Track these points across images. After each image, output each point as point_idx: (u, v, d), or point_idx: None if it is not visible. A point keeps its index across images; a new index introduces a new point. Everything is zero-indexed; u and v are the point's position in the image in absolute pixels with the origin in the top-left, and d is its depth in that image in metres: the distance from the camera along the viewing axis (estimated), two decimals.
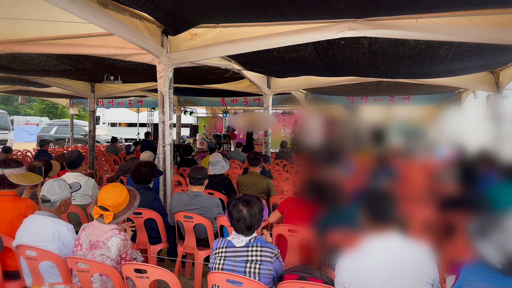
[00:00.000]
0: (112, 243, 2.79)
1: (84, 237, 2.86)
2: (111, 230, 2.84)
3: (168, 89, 5.32)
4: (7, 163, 3.50)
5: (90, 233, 2.86)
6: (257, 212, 2.60)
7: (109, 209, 2.85)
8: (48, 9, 3.92)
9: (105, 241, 2.79)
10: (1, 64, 7.32)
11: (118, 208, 2.90)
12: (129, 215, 3.06)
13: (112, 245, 2.78)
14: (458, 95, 11.20)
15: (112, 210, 2.86)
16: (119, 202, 2.89)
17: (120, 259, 2.83)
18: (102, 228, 2.85)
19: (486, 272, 1.94)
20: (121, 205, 2.92)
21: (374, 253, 2.19)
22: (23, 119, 35.83)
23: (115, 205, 2.87)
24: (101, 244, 2.79)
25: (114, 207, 2.87)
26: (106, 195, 2.88)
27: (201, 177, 4.18)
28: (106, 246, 2.78)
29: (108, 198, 2.86)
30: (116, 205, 2.88)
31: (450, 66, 6.34)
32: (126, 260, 2.87)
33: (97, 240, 2.81)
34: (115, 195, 2.90)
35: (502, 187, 3.44)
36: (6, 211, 3.36)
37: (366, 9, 4.09)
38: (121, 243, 2.81)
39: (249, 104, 14.87)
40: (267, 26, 4.90)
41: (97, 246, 2.80)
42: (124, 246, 2.83)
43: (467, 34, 4.22)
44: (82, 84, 10.88)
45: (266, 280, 2.48)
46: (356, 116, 5.59)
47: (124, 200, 2.94)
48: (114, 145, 12.83)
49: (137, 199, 3.08)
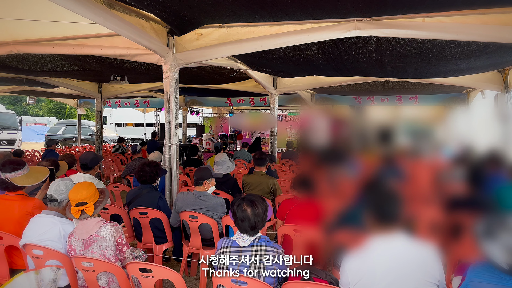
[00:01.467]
0: (104, 232, 2.84)
1: (75, 241, 2.87)
2: (98, 222, 2.89)
3: (174, 89, 5.33)
4: (7, 168, 3.41)
5: (79, 235, 2.87)
6: (261, 212, 2.59)
7: (86, 201, 2.88)
8: (55, 10, 3.94)
9: (97, 233, 2.84)
10: (10, 64, 7.39)
11: (94, 198, 2.94)
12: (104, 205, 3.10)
13: (105, 234, 2.83)
14: (466, 95, 11.11)
15: (90, 201, 2.90)
16: (92, 193, 2.93)
17: (117, 244, 2.88)
18: (89, 224, 2.88)
19: (492, 273, 1.92)
20: (95, 195, 2.95)
21: (379, 253, 2.17)
22: (32, 119, 36.14)
23: (90, 196, 2.91)
24: (94, 238, 2.83)
25: (90, 197, 2.90)
26: (79, 191, 2.91)
27: (202, 178, 4.19)
28: (100, 237, 2.83)
29: (80, 192, 2.89)
30: (91, 196, 2.91)
31: (458, 66, 6.29)
32: (122, 245, 2.92)
33: (89, 236, 2.84)
34: (84, 188, 2.93)
35: (510, 187, 3.40)
36: (14, 211, 3.39)
37: (372, 9, 4.08)
38: (112, 229, 2.87)
39: (255, 104, 14.87)
40: (272, 26, 4.89)
41: (91, 242, 2.83)
42: (116, 231, 2.89)
43: (475, 33, 4.18)
44: (89, 85, 10.96)
45: (271, 280, 2.47)
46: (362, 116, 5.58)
47: (95, 191, 2.98)
48: (121, 145, 12.89)
49: (106, 192, 3.12)
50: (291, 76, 8.87)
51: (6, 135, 17.04)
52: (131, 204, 4.26)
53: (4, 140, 16.35)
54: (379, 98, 12.30)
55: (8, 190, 3.45)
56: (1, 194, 3.48)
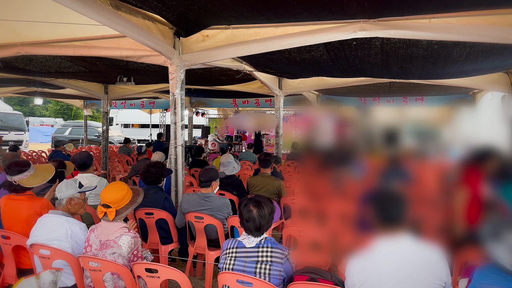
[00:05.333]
0: (123, 241, 2.83)
1: (94, 238, 2.90)
2: (121, 229, 2.89)
3: (180, 90, 5.35)
4: (13, 170, 3.43)
5: (99, 233, 2.90)
6: (267, 214, 2.60)
7: (111, 205, 2.90)
8: (62, 11, 3.97)
9: (115, 240, 2.83)
10: (17, 66, 7.45)
11: (119, 204, 2.94)
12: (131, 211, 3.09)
13: (123, 244, 2.82)
14: (473, 96, 11.05)
15: (114, 206, 2.91)
16: (119, 198, 2.94)
17: (132, 256, 2.87)
18: (111, 228, 2.89)
19: (499, 275, 1.91)
20: (122, 200, 2.96)
21: (385, 254, 2.17)
22: (38, 120, 36.36)
23: (116, 201, 2.91)
24: (112, 243, 2.83)
25: (115, 203, 2.91)
26: (107, 193, 2.94)
27: (205, 180, 4.19)
28: (117, 244, 2.82)
29: (108, 195, 2.92)
30: (117, 201, 2.92)
31: (464, 67, 6.25)
32: (138, 257, 2.91)
33: (107, 240, 2.85)
34: (115, 191, 2.95)
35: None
36: (22, 210, 3.42)
37: (378, 10, 4.06)
38: (131, 240, 2.85)
39: (261, 105, 14.86)
40: (278, 27, 4.89)
41: (108, 245, 2.83)
42: (135, 243, 2.88)
43: (481, 34, 4.16)
44: (96, 86, 11.02)
45: (276, 281, 2.47)
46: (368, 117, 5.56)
47: (125, 195, 2.98)
48: (126, 146, 12.96)
49: (140, 196, 3.14)
50: (297, 77, 8.86)
51: (13, 136, 17.18)
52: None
53: (12, 140, 16.46)
54: (385, 99, 12.27)
55: (16, 192, 3.47)
56: (9, 194, 3.52)
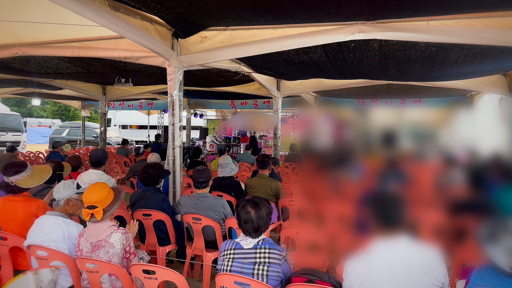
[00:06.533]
0: (114, 239, 2.83)
1: (84, 241, 2.88)
2: (110, 227, 2.89)
3: (178, 91, 5.35)
4: (10, 171, 3.43)
5: (89, 236, 2.88)
6: (265, 215, 2.59)
7: (97, 205, 2.87)
8: (61, 12, 3.97)
9: (106, 239, 2.84)
10: (15, 66, 7.44)
11: (105, 202, 2.92)
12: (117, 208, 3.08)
13: (115, 241, 2.83)
14: (470, 98, 11.08)
15: (100, 205, 2.88)
16: (103, 196, 2.91)
17: (124, 252, 2.88)
18: (100, 228, 2.88)
19: (496, 276, 1.92)
20: (107, 198, 2.94)
21: (383, 256, 2.17)
22: (36, 121, 36.27)
23: (101, 200, 2.89)
24: (103, 243, 2.83)
25: (101, 202, 2.89)
26: (90, 194, 2.91)
27: (204, 181, 4.21)
28: (109, 243, 2.82)
29: (92, 195, 2.89)
30: (102, 199, 2.90)
31: (462, 69, 6.28)
32: (130, 253, 2.91)
33: (98, 240, 2.84)
34: (98, 190, 2.93)
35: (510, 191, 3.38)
36: (18, 212, 3.41)
37: (376, 12, 4.08)
38: (122, 236, 2.86)
39: (259, 106, 14.87)
40: (276, 29, 4.90)
41: (99, 246, 2.83)
42: (126, 239, 2.88)
43: (479, 36, 4.17)
44: (94, 87, 11.01)
45: (274, 282, 2.47)
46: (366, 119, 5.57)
47: (108, 194, 2.96)
48: (124, 147, 12.92)
49: (122, 192, 3.11)
50: (295, 79, 8.88)
51: (10, 137, 17.12)
52: (135, 206, 4.28)
53: (9, 141, 16.41)
54: (383, 101, 12.31)
55: (13, 193, 3.46)
56: (7, 196, 3.51)
